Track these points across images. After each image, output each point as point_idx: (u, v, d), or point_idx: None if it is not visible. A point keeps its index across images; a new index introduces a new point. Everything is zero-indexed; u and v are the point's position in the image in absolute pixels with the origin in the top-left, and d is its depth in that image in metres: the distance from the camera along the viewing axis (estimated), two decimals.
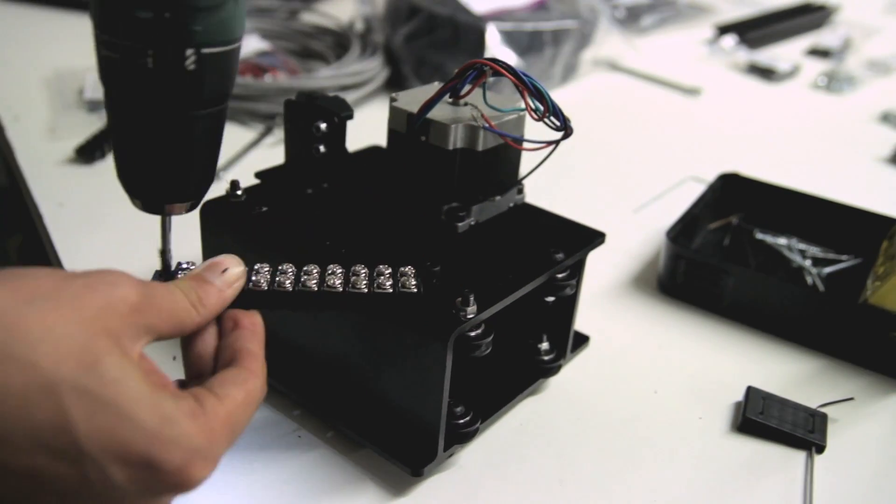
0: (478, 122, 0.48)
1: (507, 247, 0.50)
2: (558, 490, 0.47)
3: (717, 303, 0.63)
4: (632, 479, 0.48)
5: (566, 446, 0.50)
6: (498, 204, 0.52)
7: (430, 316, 0.42)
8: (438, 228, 0.49)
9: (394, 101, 0.50)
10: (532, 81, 0.45)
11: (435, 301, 0.43)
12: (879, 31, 1.40)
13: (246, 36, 1.11)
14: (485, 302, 0.43)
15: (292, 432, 0.49)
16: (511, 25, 0.95)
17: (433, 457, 0.45)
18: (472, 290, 0.43)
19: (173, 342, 0.56)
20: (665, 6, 1.39)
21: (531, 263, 0.48)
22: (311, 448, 0.48)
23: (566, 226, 0.53)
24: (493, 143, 0.49)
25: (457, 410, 0.46)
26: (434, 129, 0.48)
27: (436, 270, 0.46)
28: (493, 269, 0.47)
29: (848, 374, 0.59)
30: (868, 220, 0.71)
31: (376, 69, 0.95)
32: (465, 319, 0.42)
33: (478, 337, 0.45)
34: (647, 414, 0.54)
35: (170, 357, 0.54)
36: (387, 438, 0.46)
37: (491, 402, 0.50)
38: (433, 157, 0.49)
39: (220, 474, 0.33)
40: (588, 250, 0.52)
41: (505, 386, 0.52)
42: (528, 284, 0.46)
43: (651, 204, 0.80)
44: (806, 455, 0.51)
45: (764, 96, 1.13)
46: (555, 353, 0.54)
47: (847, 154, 0.97)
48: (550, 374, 0.54)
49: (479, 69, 0.46)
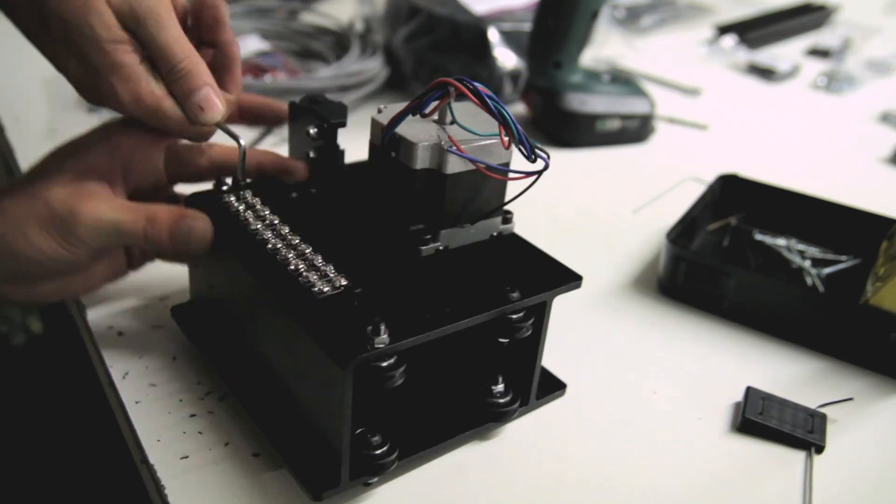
0: (442, 143, 0.46)
1: (467, 278, 0.47)
2: (557, 490, 0.47)
3: (718, 304, 0.63)
4: (631, 480, 0.49)
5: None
6: (474, 232, 0.49)
7: (338, 338, 0.40)
8: (401, 249, 0.48)
9: (379, 112, 0.49)
10: (498, 107, 0.43)
11: (350, 324, 0.41)
12: (879, 31, 1.40)
13: (246, 36, 1.11)
14: (401, 333, 0.40)
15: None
16: (511, 25, 0.95)
17: (336, 483, 0.43)
18: (396, 319, 0.41)
19: (173, 342, 0.56)
20: (665, 6, 1.39)
21: (478, 299, 0.45)
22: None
23: (543, 264, 0.49)
24: (463, 167, 0.46)
25: (373, 440, 0.44)
26: (403, 146, 0.47)
27: (357, 293, 0.43)
28: (436, 299, 0.44)
29: (847, 375, 0.59)
30: (868, 221, 0.71)
31: (376, 69, 0.95)
32: (370, 349, 0.39)
33: (389, 368, 0.41)
34: (647, 414, 0.54)
35: (170, 357, 0.54)
36: (299, 455, 0.45)
37: (422, 439, 0.47)
38: (400, 175, 0.47)
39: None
40: (555, 293, 0.47)
41: (444, 425, 0.48)
42: (461, 321, 0.43)
43: (651, 204, 0.80)
44: (805, 455, 0.51)
45: (764, 96, 1.13)
46: (510, 397, 0.49)
47: (847, 154, 0.97)
48: (503, 420, 0.49)
49: (445, 88, 0.44)
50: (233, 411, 0.50)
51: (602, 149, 0.91)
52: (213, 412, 0.50)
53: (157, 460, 0.46)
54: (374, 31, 1.04)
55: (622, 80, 0.93)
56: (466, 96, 0.44)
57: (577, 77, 0.88)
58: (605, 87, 0.89)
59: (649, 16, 1.33)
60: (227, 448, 0.47)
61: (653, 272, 0.69)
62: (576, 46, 0.86)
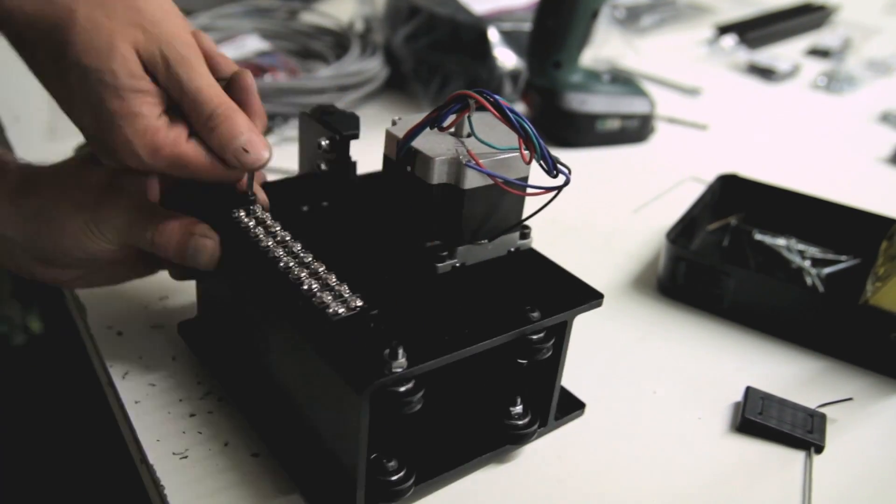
0: (461, 157, 0.44)
1: (484, 297, 0.45)
2: (557, 489, 0.47)
3: (717, 304, 0.63)
4: (631, 479, 0.49)
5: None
6: (492, 248, 0.48)
7: (354, 362, 0.39)
8: (417, 266, 0.46)
9: (394, 124, 0.47)
10: (519, 120, 0.42)
11: (364, 347, 0.39)
12: (879, 31, 1.40)
13: (246, 36, 1.11)
14: (419, 357, 0.39)
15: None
16: (511, 25, 0.95)
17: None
18: (414, 341, 0.39)
19: (174, 345, 0.56)
20: (665, 6, 1.39)
21: (498, 320, 0.43)
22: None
23: (562, 280, 0.48)
24: (481, 182, 0.45)
25: (389, 465, 0.43)
26: (419, 160, 0.45)
27: (373, 314, 0.42)
28: (453, 319, 0.43)
29: (847, 375, 0.59)
30: (867, 221, 0.71)
31: (376, 69, 0.95)
32: (387, 373, 0.38)
33: (407, 393, 0.40)
34: (647, 414, 0.54)
35: (169, 357, 0.54)
36: (313, 481, 0.44)
37: (439, 463, 0.46)
38: (417, 190, 0.46)
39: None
40: (576, 313, 0.46)
41: (461, 448, 0.47)
42: (481, 343, 0.41)
43: (651, 204, 0.80)
44: (805, 455, 0.51)
45: (764, 96, 1.12)
46: (529, 419, 0.48)
47: (847, 154, 0.97)
48: (522, 442, 0.48)
49: (464, 101, 0.43)
50: (232, 411, 0.50)
51: (602, 149, 0.91)
52: (213, 412, 0.50)
53: (156, 460, 0.46)
54: (374, 31, 1.04)
55: (622, 80, 0.93)
56: (486, 109, 0.42)
57: (577, 77, 0.88)
58: (605, 87, 0.89)
59: (649, 16, 1.33)
60: (226, 448, 0.47)
61: (653, 272, 0.69)
62: (576, 46, 0.86)
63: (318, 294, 0.42)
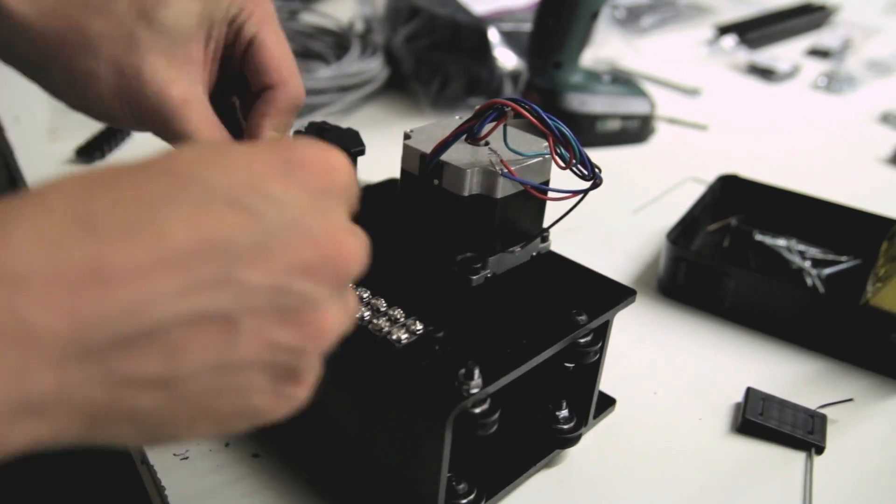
0: (496, 167, 0.43)
1: (525, 305, 0.45)
2: (558, 488, 0.47)
3: (718, 305, 0.63)
4: (631, 480, 0.49)
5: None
6: (519, 255, 0.48)
7: (427, 389, 0.37)
8: (450, 280, 0.45)
9: (407, 137, 0.46)
10: (558, 126, 0.42)
11: (436, 371, 0.38)
12: (879, 31, 1.40)
13: None
14: (492, 374, 0.38)
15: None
16: (511, 25, 0.95)
17: None
18: (479, 358, 0.38)
19: None
20: (665, 6, 1.39)
21: (549, 326, 0.43)
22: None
23: (592, 280, 0.48)
24: (512, 190, 0.44)
25: (459, 488, 0.42)
26: (448, 172, 0.44)
27: (439, 336, 0.41)
28: (505, 331, 0.42)
29: (848, 376, 0.59)
30: (868, 221, 0.71)
31: (376, 70, 0.95)
32: (467, 395, 0.37)
33: (483, 414, 0.39)
34: (647, 414, 0.54)
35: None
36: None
37: (499, 478, 0.45)
38: (446, 203, 0.44)
39: None
40: (616, 311, 0.46)
41: (516, 459, 0.46)
42: (543, 352, 0.41)
43: (651, 204, 0.80)
44: (805, 456, 0.51)
45: (764, 96, 1.13)
46: (574, 421, 0.48)
47: (847, 154, 0.97)
48: (569, 445, 0.48)
49: (500, 110, 0.42)
50: None
51: (602, 149, 0.90)
52: None
53: (157, 461, 0.46)
54: (374, 31, 1.04)
55: (622, 81, 0.93)
56: (524, 117, 0.42)
57: (577, 77, 0.88)
58: (605, 88, 0.89)
59: (649, 16, 1.33)
60: (227, 449, 0.47)
61: (653, 272, 0.69)
62: (576, 46, 0.86)
63: (374, 322, 0.41)
